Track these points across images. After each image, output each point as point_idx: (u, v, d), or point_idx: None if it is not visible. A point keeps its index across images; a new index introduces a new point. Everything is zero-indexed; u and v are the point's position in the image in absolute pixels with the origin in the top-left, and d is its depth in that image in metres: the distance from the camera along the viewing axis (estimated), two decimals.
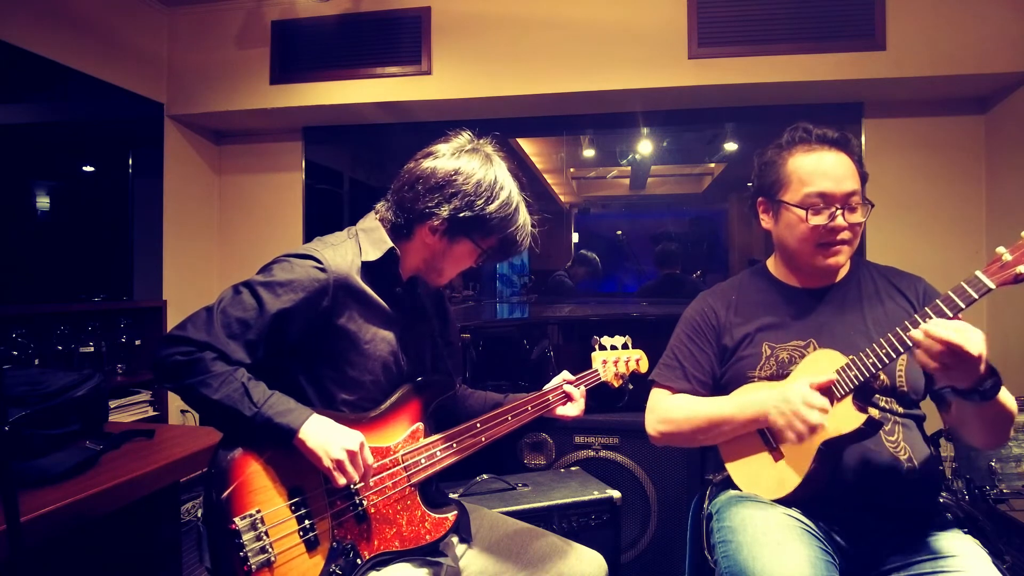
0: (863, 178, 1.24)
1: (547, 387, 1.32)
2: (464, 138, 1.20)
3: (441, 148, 1.18)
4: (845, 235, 1.20)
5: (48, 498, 1.02)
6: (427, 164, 1.16)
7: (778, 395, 1.13)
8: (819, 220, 1.20)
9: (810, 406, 1.06)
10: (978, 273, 0.97)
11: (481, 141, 1.21)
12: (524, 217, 1.19)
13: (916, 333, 0.96)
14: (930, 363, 0.95)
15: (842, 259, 1.22)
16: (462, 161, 1.15)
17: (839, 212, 1.19)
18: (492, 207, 1.13)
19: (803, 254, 1.24)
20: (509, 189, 1.17)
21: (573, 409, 1.31)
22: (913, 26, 2.28)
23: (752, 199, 1.35)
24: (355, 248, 1.17)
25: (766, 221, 1.32)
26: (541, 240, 1.26)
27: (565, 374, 1.35)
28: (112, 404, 2.31)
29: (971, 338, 0.92)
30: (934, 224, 2.56)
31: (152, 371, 1.12)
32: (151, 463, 1.24)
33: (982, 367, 0.95)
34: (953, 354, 0.92)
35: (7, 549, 0.81)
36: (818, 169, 1.21)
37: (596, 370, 1.38)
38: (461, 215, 1.12)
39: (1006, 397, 1.05)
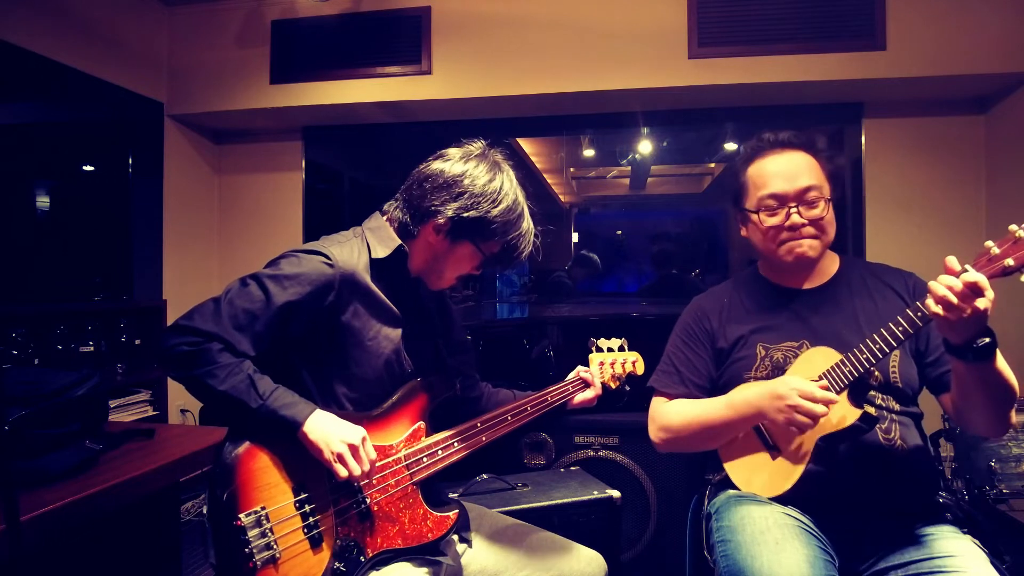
0: (832, 173, 1.25)
1: (541, 391, 1.32)
2: (476, 145, 1.22)
3: (452, 151, 1.21)
4: (808, 230, 1.22)
5: (48, 498, 1.02)
6: (436, 165, 1.18)
7: (767, 390, 1.14)
8: (774, 221, 1.23)
9: (812, 399, 1.07)
10: (967, 267, 0.97)
11: (492, 149, 1.23)
12: (528, 225, 1.21)
13: (937, 285, 0.96)
14: (941, 311, 0.95)
15: (808, 250, 1.22)
16: (470, 165, 1.17)
17: (794, 210, 1.21)
18: (496, 211, 1.14)
19: (770, 254, 1.28)
20: (515, 196, 1.18)
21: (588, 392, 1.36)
22: (913, 26, 2.28)
23: None
24: (362, 246, 1.18)
25: (743, 231, 1.35)
26: (540, 240, 1.26)
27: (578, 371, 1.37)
28: (112, 404, 2.31)
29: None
30: (934, 224, 2.56)
31: (157, 361, 1.13)
32: (151, 463, 1.24)
33: (980, 322, 0.95)
34: (973, 293, 0.93)
35: (7, 549, 0.81)
36: (769, 171, 1.25)
37: (580, 378, 1.37)
38: (465, 215, 1.13)
39: (1006, 370, 1.04)
